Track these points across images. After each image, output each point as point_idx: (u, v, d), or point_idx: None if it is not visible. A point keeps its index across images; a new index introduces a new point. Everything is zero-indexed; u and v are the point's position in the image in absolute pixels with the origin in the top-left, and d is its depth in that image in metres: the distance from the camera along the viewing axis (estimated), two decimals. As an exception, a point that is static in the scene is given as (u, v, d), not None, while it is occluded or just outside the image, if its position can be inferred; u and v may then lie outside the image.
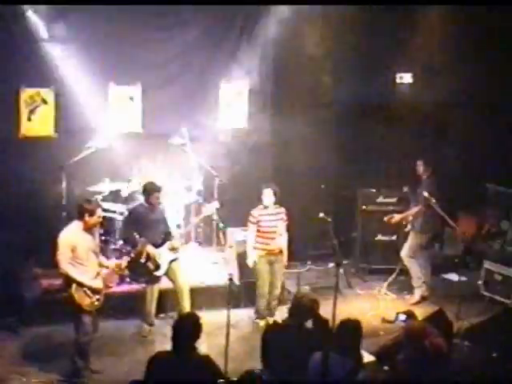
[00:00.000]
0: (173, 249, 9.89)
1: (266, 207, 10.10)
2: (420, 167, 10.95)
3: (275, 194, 10.07)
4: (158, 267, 9.78)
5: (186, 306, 9.80)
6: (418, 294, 11.07)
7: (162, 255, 9.79)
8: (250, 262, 10.18)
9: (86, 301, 8.44)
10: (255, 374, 6.57)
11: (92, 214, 8.49)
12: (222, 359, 7.76)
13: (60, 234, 8.46)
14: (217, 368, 6.65)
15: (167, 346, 6.67)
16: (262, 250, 10.13)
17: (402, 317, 10.22)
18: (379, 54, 12.18)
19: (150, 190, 9.86)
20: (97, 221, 8.63)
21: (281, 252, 10.24)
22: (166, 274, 9.89)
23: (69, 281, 8.41)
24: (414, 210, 10.95)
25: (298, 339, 7.15)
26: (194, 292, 10.31)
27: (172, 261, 9.87)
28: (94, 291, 8.51)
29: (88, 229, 8.55)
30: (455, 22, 11.95)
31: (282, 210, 10.23)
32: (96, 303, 8.54)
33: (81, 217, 8.49)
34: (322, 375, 6.54)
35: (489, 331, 8.62)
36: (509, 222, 12.06)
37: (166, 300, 10.26)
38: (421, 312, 10.28)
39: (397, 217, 11.19)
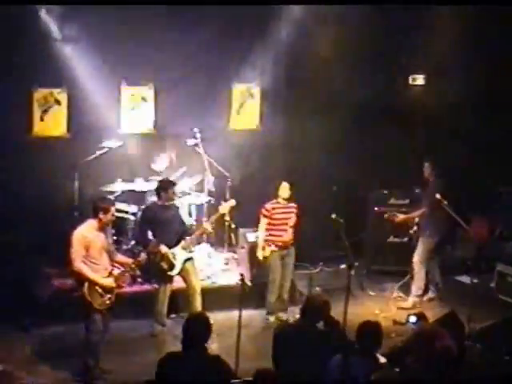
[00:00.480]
0: (187, 248, 9.89)
1: (278, 202, 10.30)
2: (427, 169, 10.90)
3: (291, 188, 10.26)
4: (172, 267, 9.77)
5: (198, 306, 9.79)
6: (412, 300, 11.00)
7: (177, 255, 9.79)
8: (260, 254, 10.32)
9: (97, 300, 8.46)
10: (268, 372, 6.56)
11: (106, 212, 8.52)
12: (233, 359, 7.76)
13: (74, 232, 8.49)
14: (228, 368, 6.63)
15: (178, 346, 6.66)
16: (274, 242, 10.26)
17: (413, 318, 10.17)
18: (392, 55, 12.16)
19: (166, 186, 9.85)
20: (110, 219, 8.68)
21: (292, 244, 10.38)
22: (180, 273, 9.89)
23: (81, 279, 8.44)
24: (418, 211, 10.89)
25: (310, 340, 7.13)
26: (205, 292, 10.30)
27: (186, 260, 9.88)
28: (106, 290, 8.53)
29: (102, 227, 8.58)
30: (468, 23, 11.90)
31: (294, 204, 10.37)
32: (107, 302, 8.55)
33: (95, 215, 8.53)
34: (342, 374, 6.54)
35: (501, 334, 8.58)
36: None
37: (178, 300, 10.26)
38: (433, 314, 10.24)
39: (400, 217, 11.15)
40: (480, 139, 12.43)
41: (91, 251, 8.43)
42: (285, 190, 10.26)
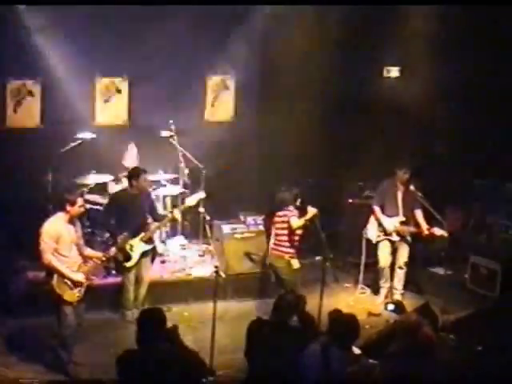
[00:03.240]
0: (147, 240, 9.86)
1: (290, 210, 9.97)
2: (403, 176, 10.57)
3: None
4: (128, 258, 9.73)
5: (142, 299, 9.89)
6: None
7: (135, 246, 9.73)
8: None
9: (66, 292, 8.43)
10: None
11: (73, 203, 8.48)
12: (208, 352, 7.76)
13: (44, 225, 8.47)
14: (186, 361, 6.50)
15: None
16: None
17: (391, 307, 10.24)
18: (367, 47, 12.17)
19: (137, 173, 9.79)
20: (78, 211, 8.61)
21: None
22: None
23: (51, 271, 8.41)
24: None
25: (282, 336, 7.07)
26: (180, 284, 10.31)
27: (144, 252, 9.84)
28: (76, 283, 8.50)
29: (70, 219, 8.54)
30: (444, 15, 11.94)
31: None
32: (77, 295, 8.52)
33: (62, 207, 8.50)
34: (323, 367, 6.54)
35: (474, 325, 8.65)
36: (495, 216, 12.10)
37: (156, 292, 10.25)
38: (407, 305, 10.32)
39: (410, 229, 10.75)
40: (454, 131, 12.50)
41: (61, 244, 8.41)
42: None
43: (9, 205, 10.72)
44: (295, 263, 10.01)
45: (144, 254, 9.86)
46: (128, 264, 9.76)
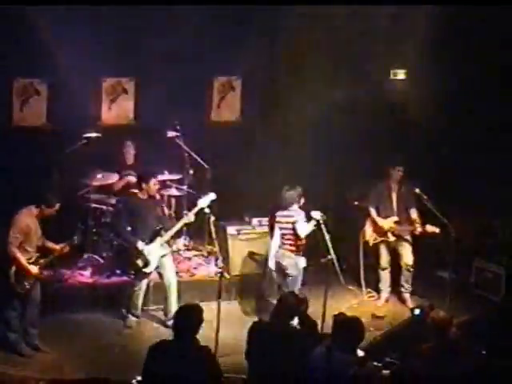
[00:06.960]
0: (164, 244, 9.83)
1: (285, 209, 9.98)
2: (399, 173, 10.69)
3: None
4: (147, 264, 9.71)
5: (174, 301, 9.76)
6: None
7: (153, 251, 9.70)
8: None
9: (20, 284, 8.54)
10: None
11: (50, 206, 8.65)
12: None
13: (16, 217, 8.62)
14: (214, 360, 6.66)
15: (156, 337, 6.65)
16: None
17: (417, 311, 10.19)
18: (373, 49, 12.15)
19: (146, 178, 9.77)
20: (51, 213, 8.73)
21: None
22: (156, 268, 9.84)
23: (9, 262, 8.51)
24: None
25: (282, 338, 7.05)
26: (184, 285, 10.30)
27: (162, 256, 9.83)
28: (29, 276, 8.59)
29: (40, 217, 8.69)
30: (452, 18, 11.89)
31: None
32: (27, 287, 8.61)
33: (38, 204, 8.65)
34: (327, 370, 6.54)
35: (478, 328, 8.64)
36: (500, 220, 12.07)
37: (153, 293, 10.24)
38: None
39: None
40: (460, 134, 12.47)
41: (29, 237, 8.57)
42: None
43: (12, 204, 10.70)
44: (302, 262, 9.95)
45: (163, 257, 9.81)
46: (147, 269, 9.72)
